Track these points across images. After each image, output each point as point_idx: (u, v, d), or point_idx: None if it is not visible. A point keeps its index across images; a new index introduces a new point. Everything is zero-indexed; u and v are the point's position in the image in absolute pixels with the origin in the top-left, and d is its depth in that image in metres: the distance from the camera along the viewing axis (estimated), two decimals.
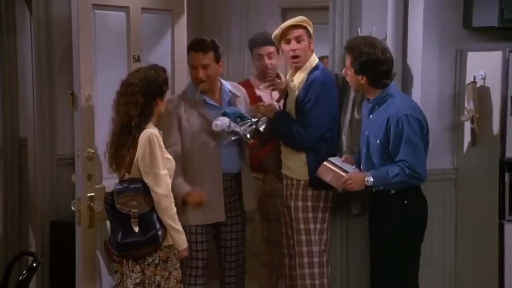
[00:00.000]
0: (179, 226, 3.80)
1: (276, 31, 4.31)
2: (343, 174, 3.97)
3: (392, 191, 3.86)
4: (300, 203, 4.28)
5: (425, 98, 4.23)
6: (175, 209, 3.79)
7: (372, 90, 3.93)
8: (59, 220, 4.68)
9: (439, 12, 4.24)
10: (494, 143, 4.05)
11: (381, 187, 3.88)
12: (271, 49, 4.76)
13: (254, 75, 4.96)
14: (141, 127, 3.75)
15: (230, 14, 6.34)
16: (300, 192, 4.28)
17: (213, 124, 4.18)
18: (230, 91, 4.36)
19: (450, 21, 4.26)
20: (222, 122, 4.17)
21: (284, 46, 4.29)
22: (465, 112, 4.18)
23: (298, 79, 4.28)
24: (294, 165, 4.28)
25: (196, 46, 4.26)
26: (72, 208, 4.13)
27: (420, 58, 4.23)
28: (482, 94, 4.09)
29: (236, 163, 4.33)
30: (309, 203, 4.27)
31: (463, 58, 4.27)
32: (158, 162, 3.72)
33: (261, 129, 4.26)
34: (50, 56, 4.65)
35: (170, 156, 3.85)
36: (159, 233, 3.74)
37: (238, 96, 4.39)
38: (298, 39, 4.24)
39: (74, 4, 4.06)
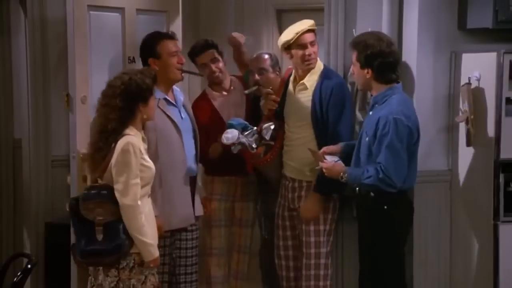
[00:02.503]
0: (146, 238, 3.63)
1: (289, 37, 4.19)
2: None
3: (372, 194, 3.84)
4: None
5: (420, 99, 4.24)
6: (142, 219, 3.64)
7: (376, 86, 3.87)
8: (54, 221, 4.68)
9: (433, 14, 4.25)
10: (489, 144, 4.06)
11: (355, 185, 3.87)
12: (212, 53, 4.58)
13: (209, 86, 4.74)
14: (117, 132, 3.63)
15: (226, 15, 6.34)
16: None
17: (223, 137, 4.20)
18: (179, 92, 4.34)
19: (445, 23, 4.27)
20: (232, 134, 4.19)
21: (297, 51, 4.19)
22: (460, 113, 4.19)
23: (309, 81, 4.25)
24: (305, 167, 4.26)
25: (170, 34, 4.27)
26: (67, 209, 4.12)
27: (415, 59, 4.23)
28: (476, 95, 4.09)
29: (195, 164, 4.28)
30: (307, 195, 4.27)
31: (457, 60, 4.28)
32: (130, 171, 3.59)
33: (266, 137, 4.28)
34: (45, 57, 4.64)
35: (150, 164, 3.72)
36: (125, 243, 3.62)
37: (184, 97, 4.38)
38: (313, 43, 4.20)
39: (69, 5, 4.06)
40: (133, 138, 3.63)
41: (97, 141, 3.67)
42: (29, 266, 3.61)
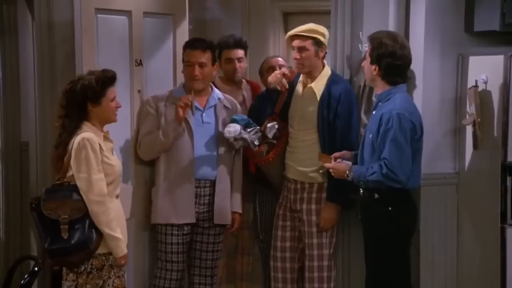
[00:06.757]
0: (115, 233, 3.60)
1: (286, 38, 4.37)
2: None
3: (376, 195, 3.84)
4: (313, 206, 4.28)
5: (427, 102, 4.24)
6: (111, 215, 3.59)
7: (381, 84, 3.89)
8: None
9: (440, 17, 4.25)
10: (496, 147, 4.06)
11: (361, 183, 3.87)
12: (241, 53, 4.70)
13: (220, 77, 4.84)
14: (68, 131, 3.62)
15: (232, 19, 6.35)
16: (314, 195, 4.29)
17: (225, 131, 4.23)
18: (219, 99, 4.38)
19: (452, 26, 4.27)
20: (234, 129, 4.21)
21: (291, 52, 4.33)
22: (467, 116, 4.19)
23: (317, 86, 4.27)
24: (308, 169, 4.28)
25: (194, 44, 4.31)
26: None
27: (422, 62, 4.23)
28: (483, 98, 4.09)
29: (212, 169, 4.32)
30: (323, 206, 4.28)
31: (464, 62, 4.28)
32: (90, 166, 3.56)
33: (269, 135, 4.29)
34: (52, 60, 4.64)
35: (112, 162, 3.69)
36: (91, 239, 3.56)
37: (228, 108, 4.39)
38: (301, 49, 4.23)
39: (76, 8, 4.07)
40: (89, 134, 3.61)
41: (55, 141, 3.69)
42: (36, 268, 3.61)
